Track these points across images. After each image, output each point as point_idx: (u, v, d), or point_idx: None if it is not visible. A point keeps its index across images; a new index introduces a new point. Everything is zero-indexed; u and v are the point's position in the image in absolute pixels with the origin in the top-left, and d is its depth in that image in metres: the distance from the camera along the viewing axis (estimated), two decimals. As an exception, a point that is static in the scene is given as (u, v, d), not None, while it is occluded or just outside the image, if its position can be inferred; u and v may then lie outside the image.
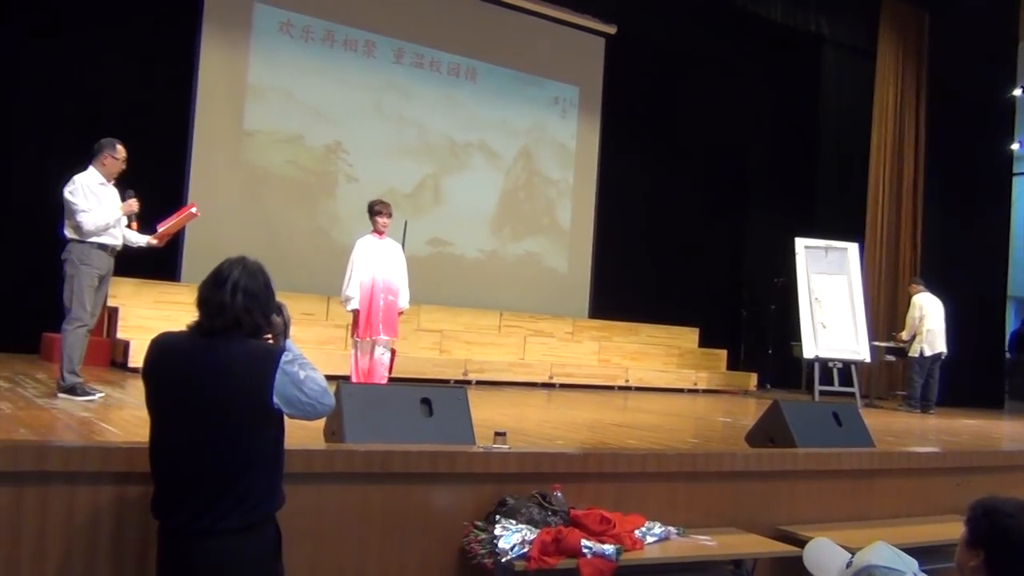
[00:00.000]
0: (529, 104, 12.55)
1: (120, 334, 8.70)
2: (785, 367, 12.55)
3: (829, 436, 5.49)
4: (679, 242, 13.56)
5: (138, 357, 7.68)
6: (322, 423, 4.05)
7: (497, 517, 3.83)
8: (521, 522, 3.78)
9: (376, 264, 7.11)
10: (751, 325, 13.23)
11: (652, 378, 11.65)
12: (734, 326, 13.41)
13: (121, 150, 5.83)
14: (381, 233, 7.21)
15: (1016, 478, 5.96)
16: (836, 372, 10.88)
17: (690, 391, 11.82)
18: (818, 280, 11.18)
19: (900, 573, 2.39)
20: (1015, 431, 8.99)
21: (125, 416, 4.92)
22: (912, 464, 5.64)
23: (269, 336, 2.79)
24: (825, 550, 2.68)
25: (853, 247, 11.52)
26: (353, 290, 7.04)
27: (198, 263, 9.02)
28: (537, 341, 11.46)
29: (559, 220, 12.90)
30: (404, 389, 4.62)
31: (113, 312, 8.88)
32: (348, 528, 3.64)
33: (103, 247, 5.67)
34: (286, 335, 2.80)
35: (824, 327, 10.98)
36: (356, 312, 7.06)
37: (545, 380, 10.78)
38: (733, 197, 14.01)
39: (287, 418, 2.73)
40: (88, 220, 5.56)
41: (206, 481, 2.60)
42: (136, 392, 5.73)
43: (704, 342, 13.02)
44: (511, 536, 3.69)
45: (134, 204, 5.85)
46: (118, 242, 5.80)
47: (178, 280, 9.77)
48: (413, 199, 11.53)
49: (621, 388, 11.32)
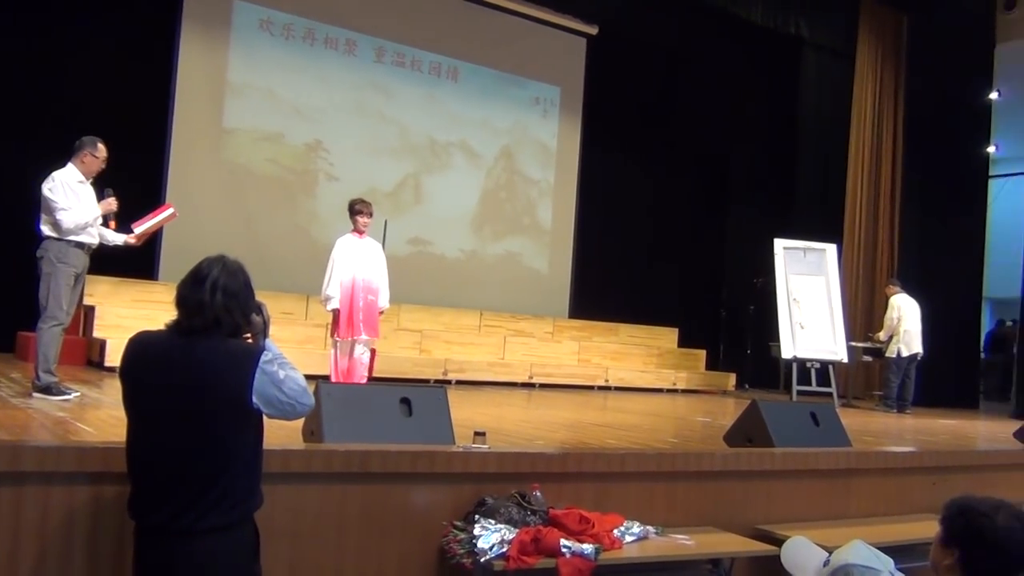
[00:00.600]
0: (510, 104, 12.56)
1: (97, 333, 8.62)
2: (764, 367, 12.61)
3: (807, 436, 5.52)
4: (659, 242, 13.60)
5: (115, 356, 7.62)
6: (301, 423, 4.04)
7: (476, 517, 3.82)
8: (500, 522, 3.78)
9: (356, 263, 7.10)
10: (730, 325, 13.28)
11: (632, 378, 11.70)
12: (713, 327, 13.46)
13: (102, 149, 5.79)
14: (361, 232, 7.20)
15: (991, 477, 6.00)
16: (814, 372, 10.94)
17: (669, 391, 11.87)
18: (796, 281, 11.26)
19: (876, 572, 2.41)
20: (990, 431, 9.06)
21: (101, 416, 4.89)
22: (889, 464, 5.68)
23: (248, 335, 2.78)
24: (802, 549, 2.69)
25: (831, 248, 11.60)
26: (333, 289, 7.02)
27: (176, 262, 8.98)
28: (517, 341, 11.49)
29: (540, 220, 12.92)
30: (383, 389, 4.59)
31: (90, 311, 8.81)
32: (326, 528, 3.63)
33: (80, 245, 5.62)
34: (265, 334, 2.79)
35: (802, 328, 11.06)
36: (336, 312, 7.04)
37: (525, 380, 10.81)
38: (713, 197, 14.07)
39: (266, 418, 2.71)
40: (67, 218, 5.52)
41: (184, 481, 2.58)
42: (113, 392, 5.84)
43: (683, 342, 13.05)
44: (490, 536, 3.69)
45: (112, 203, 5.80)
46: (95, 241, 5.75)
47: (156, 279, 9.69)
48: (394, 198, 11.52)
49: (601, 388, 11.35)
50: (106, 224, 5.86)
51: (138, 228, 6.03)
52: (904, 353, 10.87)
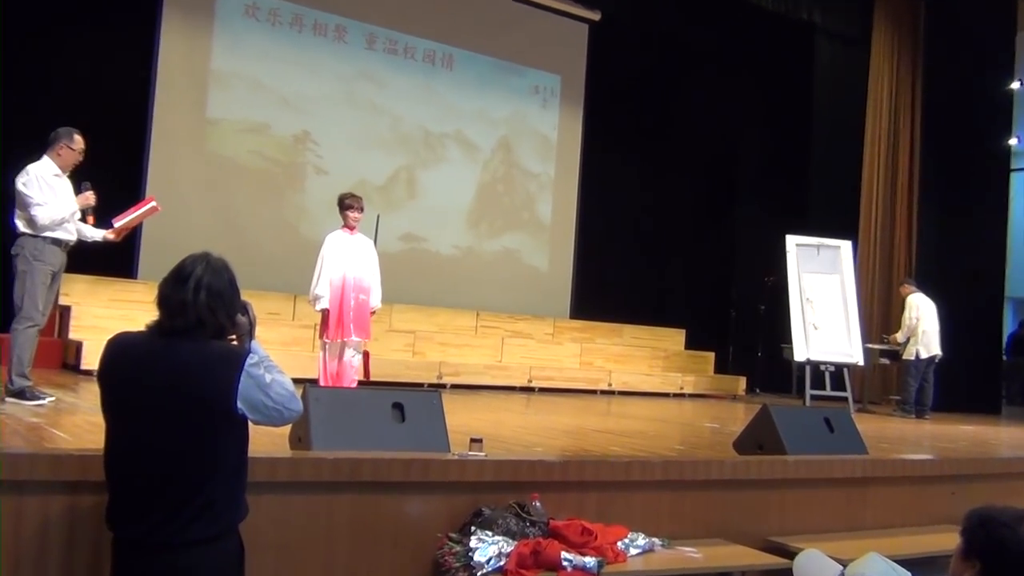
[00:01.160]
0: (509, 93, 12.56)
1: (73, 334, 8.60)
2: (775, 370, 12.62)
3: (821, 442, 5.51)
4: (665, 239, 13.62)
5: (92, 359, 7.59)
6: (287, 429, 4.05)
7: (472, 528, 3.82)
8: (498, 533, 3.78)
9: (346, 261, 7.12)
10: (740, 326, 13.30)
11: (636, 382, 11.74)
12: (722, 327, 13.47)
13: (79, 140, 5.75)
14: (352, 228, 7.22)
15: (1014, 486, 5.99)
16: (828, 376, 10.95)
17: (676, 395, 11.90)
18: (810, 279, 11.25)
19: (894, 586, 2.41)
20: (1013, 437, 9.06)
21: (77, 422, 4.88)
22: (906, 472, 5.67)
23: (233, 337, 2.78)
24: (816, 562, 2.69)
25: (846, 245, 11.60)
26: (322, 288, 7.05)
27: (157, 259, 8.92)
28: (515, 343, 11.51)
29: (539, 215, 12.93)
30: (374, 393, 4.60)
31: (65, 311, 8.77)
32: (314, 540, 3.62)
33: (57, 242, 5.60)
34: (251, 336, 2.80)
35: (816, 328, 11.06)
36: (325, 312, 7.06)
37: (524, 384, 10.85)
38: (722, 192, 14.09)
39: (251, 424, 2.72)
40: (43, 214, 5.49)
41: (165, 491, 2.58)
42: (90, 396, 5.79)
43: (691, 344, 13.05)
44: (487, 548, 3.69)
45: (90, 197, 5.78)
46: (72, 237, 5.72)
47: (135, 277, 9.67)
48: (386, 192, 11.51)
49: (604, 392, 11.38)
50: (84, 219, 5.83)
51: (118, 223, 6.00)
52: (923, 355, 10.83)
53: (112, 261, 8.71)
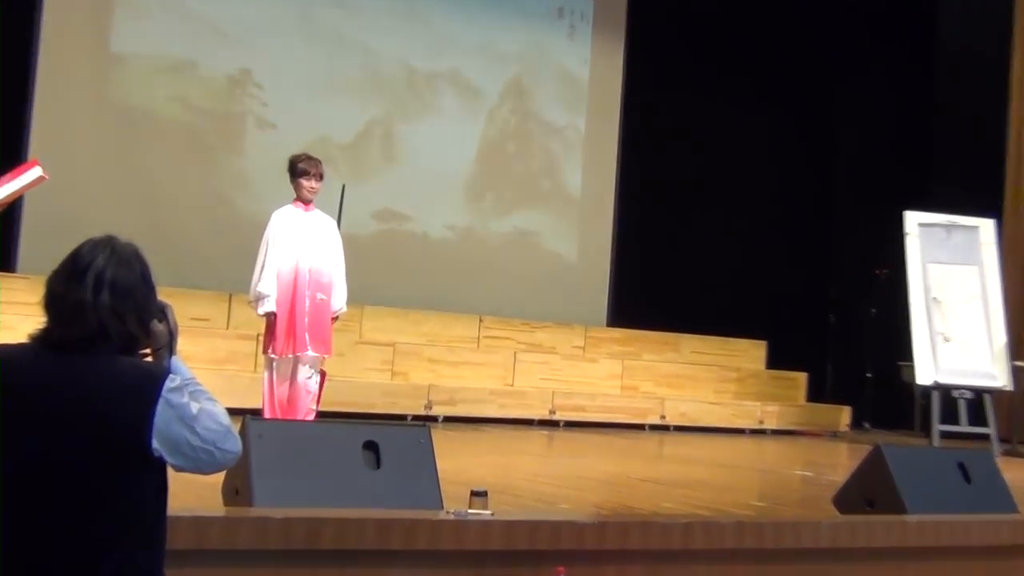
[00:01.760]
0: (523, 18, 12.49)
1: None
2: (890, 398, 12.56)
3: (953, 498, 5.47)
4: (738, 218, 13.54)
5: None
6: (220, 478, 4.03)
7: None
8: (510, 622, 3.77)
9: (300, 247, 7.13)
10: (841, 337, 13.26)
11: (699, 413, 11.73)
12: (818, 339, 13.42)
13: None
14: (308, 203, 7.22)
15: None
16: (964, 405, 10.87)
17: (754, 432, 11.90)
18: (937, 272, 11.17)
19: None
20: None
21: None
22: (1072, 539, 5.65)
23: (147, 351, 2.77)
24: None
25: (987, 224, 11.53)
26: (267, 285, 7.06)
27: (43, 247, 8.68)
28: (533, 359, 11.51)
29: (566, 184, 12.80)
30: (340, 428, 4.62)
31: (-80, 316, 8.83)
32: (259, 630, 3.63)
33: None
34: (172, 350, 2.78)
35: (946, 340, 10.98)
36: (271, 316, 7.06)
37: (544, 416, 10.86)
38: (817, 155, 14.05)
39: (171, 471, 2.69)
40: None
41: (54, 563, 2.55)
42: None
43: (774, 362, 13.04)
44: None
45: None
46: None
47: (13, 271, 9.68)
48: (354, 154, 11.47)
49: (654, 428, 11.40)
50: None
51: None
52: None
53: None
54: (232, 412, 2.86)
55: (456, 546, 3.99)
